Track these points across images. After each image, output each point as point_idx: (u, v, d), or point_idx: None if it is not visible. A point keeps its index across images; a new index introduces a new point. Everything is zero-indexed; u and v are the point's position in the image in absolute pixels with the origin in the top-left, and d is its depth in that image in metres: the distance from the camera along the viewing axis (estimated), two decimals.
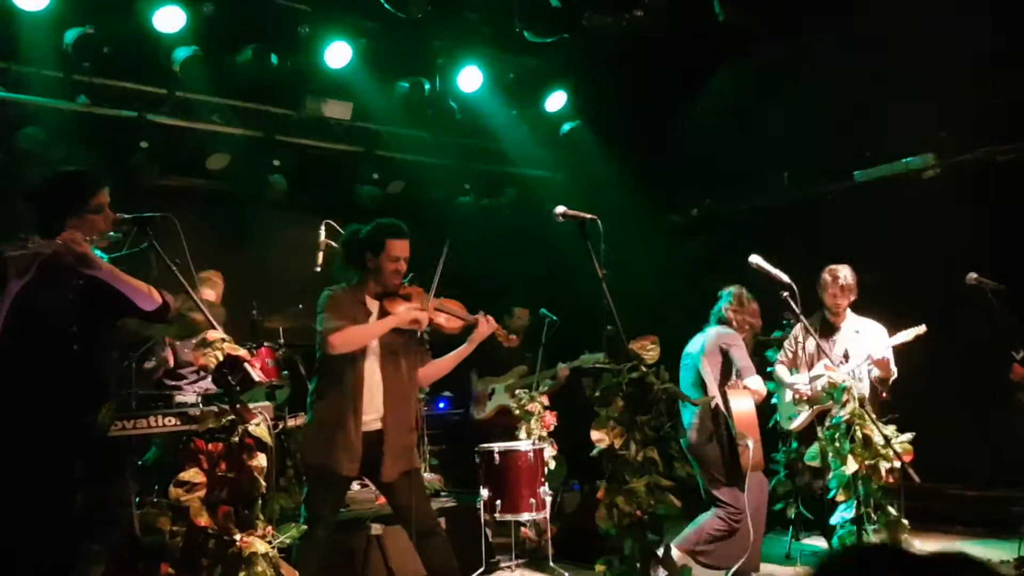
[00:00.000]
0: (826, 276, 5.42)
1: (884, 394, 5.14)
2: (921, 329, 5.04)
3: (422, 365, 4.37)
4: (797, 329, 5.55)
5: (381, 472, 4.07)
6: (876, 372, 5.12)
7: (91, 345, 3.36)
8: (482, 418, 6.93)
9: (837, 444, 4.28)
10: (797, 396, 5.47)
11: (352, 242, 4.27)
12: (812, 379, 5.36)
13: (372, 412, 4.07)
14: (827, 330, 5.44)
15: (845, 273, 5.36)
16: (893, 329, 5.22)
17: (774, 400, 5.64)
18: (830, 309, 5.44)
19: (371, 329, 4.07)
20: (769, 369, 5.70)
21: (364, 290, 4.20)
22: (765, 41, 7.25)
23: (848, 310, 5.43)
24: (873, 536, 4.33)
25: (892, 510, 4.32)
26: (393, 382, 4.12)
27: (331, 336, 3.92)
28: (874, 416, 4.34)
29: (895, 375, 5.07)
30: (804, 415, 5.41)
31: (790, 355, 5.63)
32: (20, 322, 3.18)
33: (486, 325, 4.31)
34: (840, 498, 4.38)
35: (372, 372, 4.10)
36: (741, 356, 5.05)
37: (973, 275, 5.16)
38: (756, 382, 5.02)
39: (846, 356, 5.29)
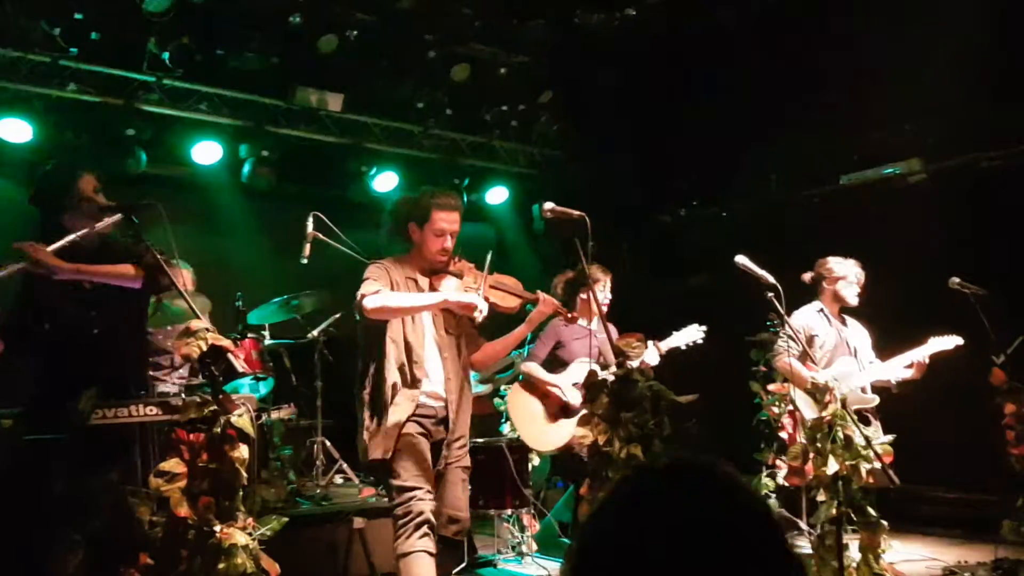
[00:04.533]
0: (852, 270, 5.26)
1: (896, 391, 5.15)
2: (959, 340, 5.05)
3: (476, 349, 4.06)
4: (804, 321, 5.30)
5: (434, 459, 3.77)
6: (905, 374, 5.11)
7: (91, 332, 3.42)
8: None
9: (819, 444, 4.30)
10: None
11: (400, 210, 3.91)
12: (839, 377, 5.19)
13: (437, 396, 3.78)
14: (837, 323, 5.37)
15: (862, 272, 5.34)
16: (875, 330, 5.25)
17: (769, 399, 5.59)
18: (845, 300, 5.29)
19: (414, 300, 3.68)
20: (753, 368, 5.71)
21: (412, 264, 3.85)
22: (756, 43, 7.27)
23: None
24: (852, 537, 4.36)
25: (871, 511, 4.34)
26: (453, 365, 3.82)
27: (365, 299, 3.55)
28: (855, 418, 4.36)
29: None
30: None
31: (799, 349, 5.26)
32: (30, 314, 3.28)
33: (545, 304, 3.99)
34: (821, 498, 4.40)
35: (432, 353, 3.79)
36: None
37: (956, 279, 5.19)
38: (527, 367, 5.12)
39: (855, 353, 5.27)
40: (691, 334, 5.38)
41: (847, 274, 5.28)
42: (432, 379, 3.78)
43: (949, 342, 5.07)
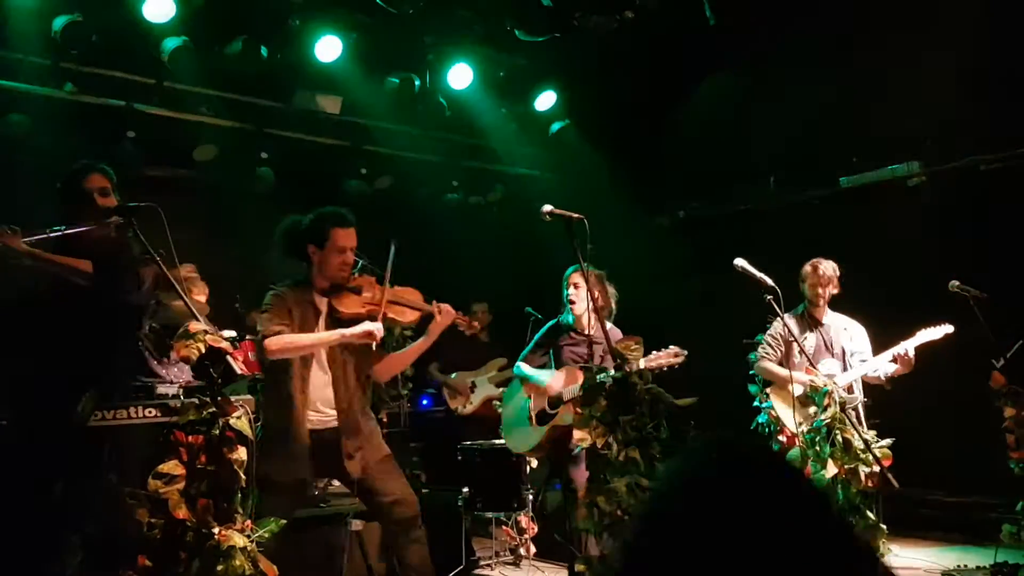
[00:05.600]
0: (807, 268, 5.42)
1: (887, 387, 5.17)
2: (949, 328, 5.05)
3: (378, 360, 4.17)
4: (785, 324, 5.35)
5: (346, 470, 3.92)
6: (890, 369, 5.11)
7: (84, 332, 3.40)
8: (468, 412, 6.93)
9: (817, 447, 4.30)
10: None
11: (292, 234, 4.00)
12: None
13: (326, 411, 3.91)
14: (813, 325, 5.43)
15: (825, 267, 5.38)
16: (874, 332, 5.26)
17: (766, 403, 5.60)
18: (811, 300, 5.41)
19: (315, 340, 3.81)
20: (751, 372, 5.71)
21: (311, 287, 3.95)
22: (755, 45, 7.28)
23: (828, 307, 5.44)
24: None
25: (871, 515, 4.34)
26: (344, 379, 3.93)
27: (268, 341, 3.68)
28: (854, 420, 4.36)
29: None
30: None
31: (781, 351, 5.48)
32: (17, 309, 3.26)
33: (444, 315, 4.03)
34: None
35: (320, 371, 3.91)
36: None
37: (955, 282, 5.19)
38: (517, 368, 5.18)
39: (842, 353, 5.30)
40: (669, 359, 5.26)
41: (804, 275, 5.41)
42: (319, 403, 3.89)
43: (938, 332, 5.07)
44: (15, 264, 3.29)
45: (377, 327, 3.78)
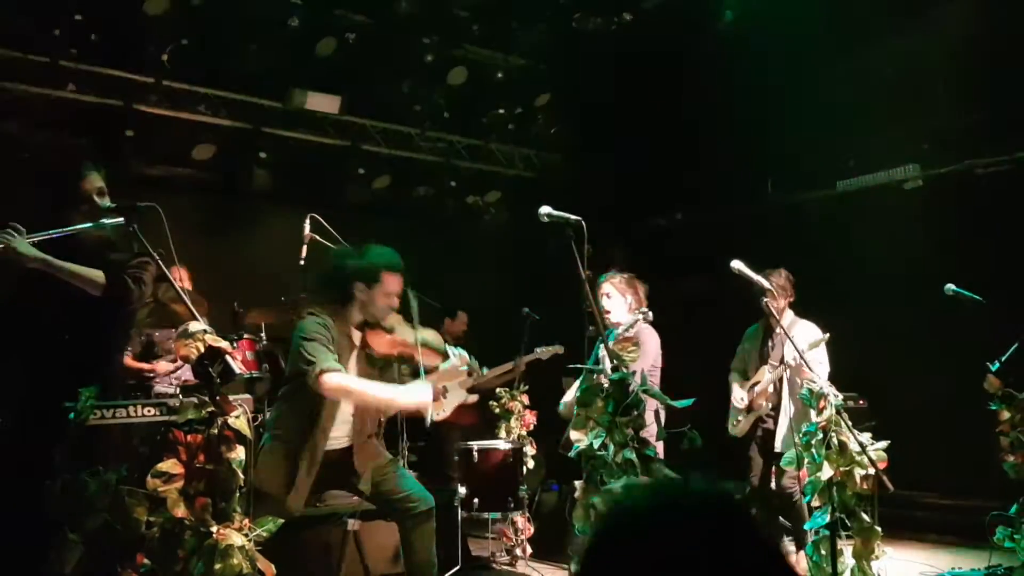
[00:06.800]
0: None
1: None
2: (824, 336, 5.08)
3: None
4: (775, 325, 5.53)
5: (359, 486, 4.08)
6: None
7: (80, 331, 3.39)
8: (440, 420, 6.86)
9: (813, 450, 4.31)
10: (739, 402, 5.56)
11: (343, 266, 4.02)
12: (752, 386, 5.43)
13: (340, 436, 4.01)
14: (768, 333, 5.53)
15: (775, 277, 5.38)
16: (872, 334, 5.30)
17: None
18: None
19: (373, 396, 3.91)
20: None
21: (348, 318, 3.99)
22: (753, 47, 7.29)
23: (788, 312, 5.45)
24: (846, 542, 4.37)
25: (866, 517, 4.35)
26: (365, 412, 4.05)
27: (326, 376, 3.66)
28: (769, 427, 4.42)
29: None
30: (745, 421, 5.53)
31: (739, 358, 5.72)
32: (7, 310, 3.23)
33: (459, 359, 4.29)
34: (815, 504, 4.41)
35: (345, 404, 4.00)
36: None
37: (951, 286, 5.21)
38: None
39: (780, 362, 5.35)
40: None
41: None
42: (339, 427, 3.98)
43: (816, 343, 5.06)
44: (18, 265, 3.29)
45: (428, 401, 3.92)
